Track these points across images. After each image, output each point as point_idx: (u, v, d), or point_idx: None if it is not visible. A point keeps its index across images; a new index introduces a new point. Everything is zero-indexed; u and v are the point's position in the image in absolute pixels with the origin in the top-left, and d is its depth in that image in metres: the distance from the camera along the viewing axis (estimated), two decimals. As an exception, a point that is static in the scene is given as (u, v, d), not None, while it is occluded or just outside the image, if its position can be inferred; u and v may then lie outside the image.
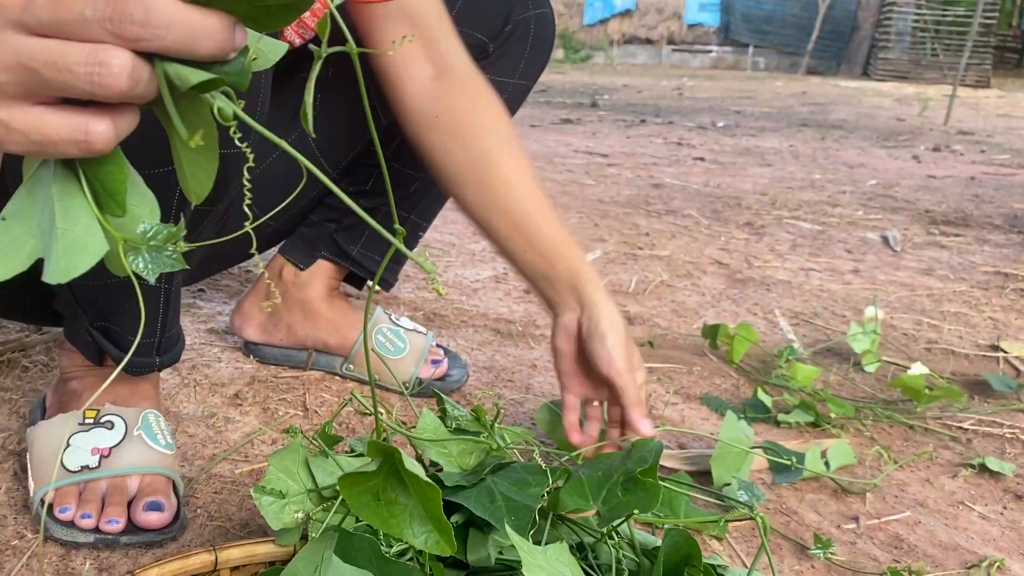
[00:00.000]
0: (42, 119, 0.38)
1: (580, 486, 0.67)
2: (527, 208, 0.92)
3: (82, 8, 0.36)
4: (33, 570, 0.77)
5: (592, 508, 0.66)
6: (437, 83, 0.93)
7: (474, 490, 0.66)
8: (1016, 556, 0.93)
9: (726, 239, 2.24)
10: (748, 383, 1.32)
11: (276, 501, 0.65)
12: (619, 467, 0.66)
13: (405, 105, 0.94)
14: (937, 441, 1.18)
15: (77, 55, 0.36)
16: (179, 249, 0.43)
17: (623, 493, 0.65)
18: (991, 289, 1.89)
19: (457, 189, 0.95)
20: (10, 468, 0.92)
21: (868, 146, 4.54)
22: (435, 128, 0.93)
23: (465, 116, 0.93)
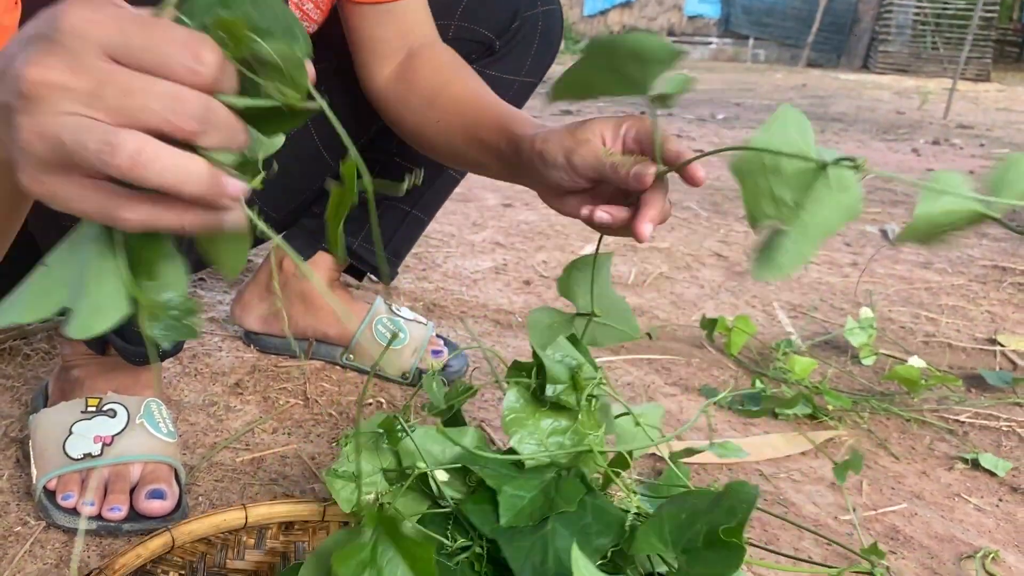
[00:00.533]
0: (82, 192, 0.40)
1: (659, 527, 0.60)
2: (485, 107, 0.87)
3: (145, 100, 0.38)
4: (36, 556, 0.77)
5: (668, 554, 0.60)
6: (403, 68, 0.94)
7: (529, 539, 0.62)
8: (1011, 548, 0.94)
9: (725, 232, 2.25)
10: (746, 375, 1.33)
11: (347, 484, 0.65)
12: (705, 513, 0.59)
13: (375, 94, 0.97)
14: (934, 434, 1.19)
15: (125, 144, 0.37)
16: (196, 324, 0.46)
17: (704, 547, 0.58)
18: (989, 283, 1.90)
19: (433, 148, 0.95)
20: (12, 455, 0.92)
21: (867, 139, 4.55)
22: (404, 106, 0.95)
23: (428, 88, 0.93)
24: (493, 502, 0.64)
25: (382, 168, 1.13)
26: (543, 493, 0.65)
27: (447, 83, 0.91)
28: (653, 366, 1.34)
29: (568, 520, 0.61)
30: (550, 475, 0.67)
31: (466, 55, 1.06)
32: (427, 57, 0.95)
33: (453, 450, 0.69)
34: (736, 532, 0.56)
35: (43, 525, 0.81)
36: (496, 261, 1.82)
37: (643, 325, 1.51)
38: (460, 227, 2.07)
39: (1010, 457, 1.13)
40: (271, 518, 0.67)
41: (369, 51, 0.96)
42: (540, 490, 0.65)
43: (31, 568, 0.76)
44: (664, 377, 1.30)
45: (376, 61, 0.96)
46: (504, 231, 2.07)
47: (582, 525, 0.60)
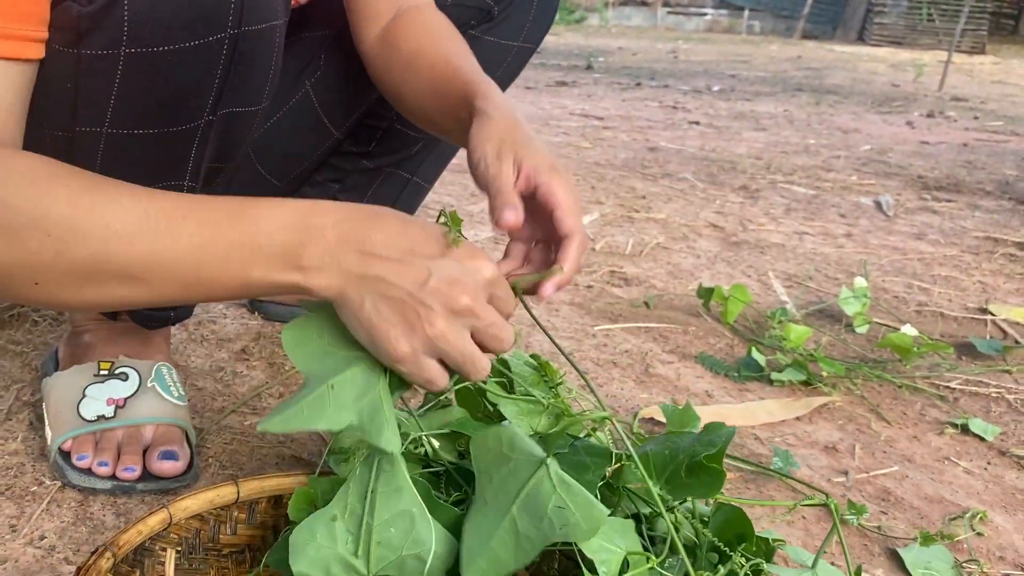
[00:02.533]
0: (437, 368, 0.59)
1: (646, 462, 0.66)
2: None
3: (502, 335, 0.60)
4: (53, 515, 0.79)
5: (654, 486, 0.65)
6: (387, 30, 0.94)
7: None
8: (998, 508, 0.97)
9: (721, 203, 2.26)
10: (742, 343, 1.35)
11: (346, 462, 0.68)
12: (687, 448, 0.65)
13: (363, 55, 0.97)
14: (925, 400, 1.21)
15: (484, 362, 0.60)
16: None
17: (686, 475, 0.64)
18: (981, 254, 1.92)
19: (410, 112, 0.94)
20: (25, 418, 0.94)
21: (862, 111, 4.55)
22: (385, 67, 0.94)
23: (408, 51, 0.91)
24: None
25: (383, 135, 1.14)
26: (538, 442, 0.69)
27: (426, 47, 0.90)
28: (651, 334, 1.36)
29: (562, 458, 0.66)
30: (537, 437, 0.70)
31: (465, 20, 1.07)
32: (412, 19, 0.94)
33: (441, 419, 0.74)
34: (716, 458, 0.62)
35: (59, 485, 0.83)
36: (494, 231, 1.83)
37: (640, 294, 1.53)
38: (459, 198, 2.08)
39: (999, 422, 1.16)
40: (261, 492, 0.69)
41: (359, 12, 0.96)
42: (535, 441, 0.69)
43: (48, 526, 0.78)
44: (661, 345, 1.32)
45: (365, 22, 0.96)
46: (502, 202, 2.08)
47: (576, 460, 0.65)
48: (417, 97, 0.90)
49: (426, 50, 0.89)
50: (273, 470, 0.90)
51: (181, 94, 0.70)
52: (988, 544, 0.91)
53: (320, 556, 0.60)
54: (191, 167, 0.77)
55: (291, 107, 1.08)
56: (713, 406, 1.13)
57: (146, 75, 0.68)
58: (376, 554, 0.61)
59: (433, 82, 0.86)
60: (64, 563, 0.74)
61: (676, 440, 0.67)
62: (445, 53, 0.88)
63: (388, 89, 0.95)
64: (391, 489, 0.62)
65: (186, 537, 0.66)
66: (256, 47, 0.73)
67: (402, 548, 0.61)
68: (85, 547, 0.76)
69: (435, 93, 0.86)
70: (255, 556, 0.70)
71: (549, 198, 0.67)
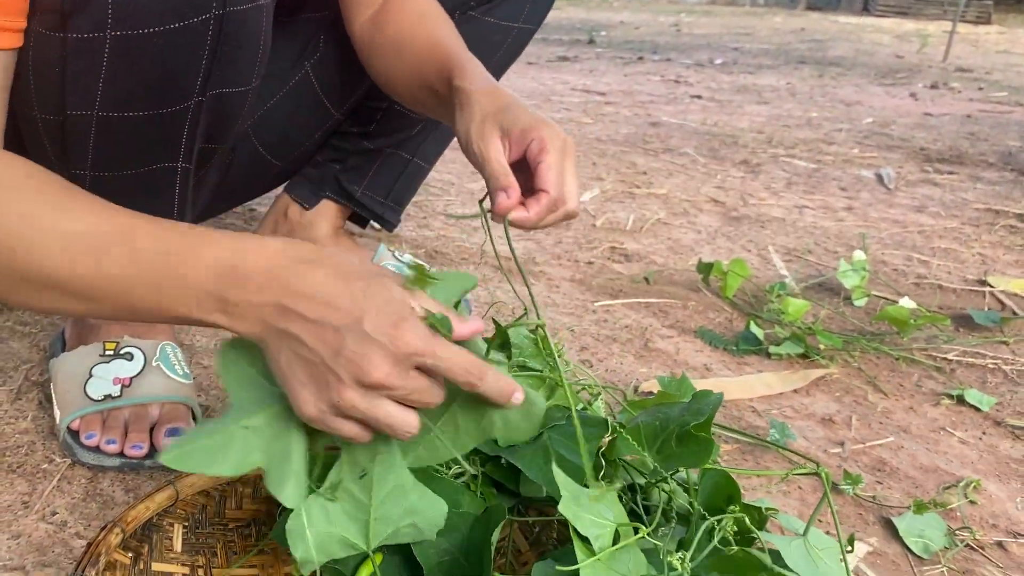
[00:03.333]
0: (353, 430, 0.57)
1: (637, 433, 0.67)
2: None
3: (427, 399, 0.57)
4: (64, 492, 0.81)
5: (646, 456, 0.67)
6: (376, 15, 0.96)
7: (530, 449, 0.68)
8: (992, 477, 0.99)
9: (722, 177, 2.26)
10: (741, 317, 1.36)
11: None
12: (676, 418, 0.66)
13: (354, 40, 0.98)
14: (922, 371, 1.22)
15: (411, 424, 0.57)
16: None
17: (677, 445, 0.65)
18: (981, 226, 1.92)
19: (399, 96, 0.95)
20: (35, 398, 0.96)
21: (866, 84, 4.53)
22: (373, 52, 0.95)
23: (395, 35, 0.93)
24: None
25: (383, 116, 1.15)
26: None
27: (413, 31, 0.91)
28: (650, 309, 1.37)
29: (560, 429, 0.67)
30: None
31: (465, 1, 1.07)
32: (400, 4, 0.95)
33: None
34: (704, 427, 0.63)
35: (68, 462, 0.85)
36: (495, 208, 1.84)
37: (641, 270, 1.54)
38: (460, 175, 2.09)
39: (995, 393, 1.17)
40: None
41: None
42: None
43: (60, 502, 0.80)
44: (661, 320, 1.33)
45: (355, 7, 0.97)
46: (503, 179, 2.09)
47: (573, 431, 0.66)
48: (404, 81, 0.91)
49: (412, 34, 0.90)
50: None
51: (169, 76, 0.71)
52: (981, 512, 0.92)
53: (318, 538, 0.61)
54: (184, 148, 0.78)
55: (291, 88, 1.09)
56: (711, 379, 1.15)
57: (133, 58, 0.69)
58: (375, 530, 0.63)
59: (419, 66, 0.87)
60: (76, 538, 0.76)
61: (666, 410, 0.68)
62: (429, 36, 0.89)
63: (377, 74, 0.96)
64: (386, 468, 0.64)
65: (192, 512, 0.68)
66: (242, 27, 0.74)
67: (399, 520, 0.63)
68: (96, 522, 0.78)
69: (420, 76, 0.87)
70: (260, 530, 0.71)
71: (535, 155, 0.70)
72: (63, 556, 0.73)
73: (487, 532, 0.65)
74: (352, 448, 0.65)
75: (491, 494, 0.70)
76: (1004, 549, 0.87)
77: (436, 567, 0.65)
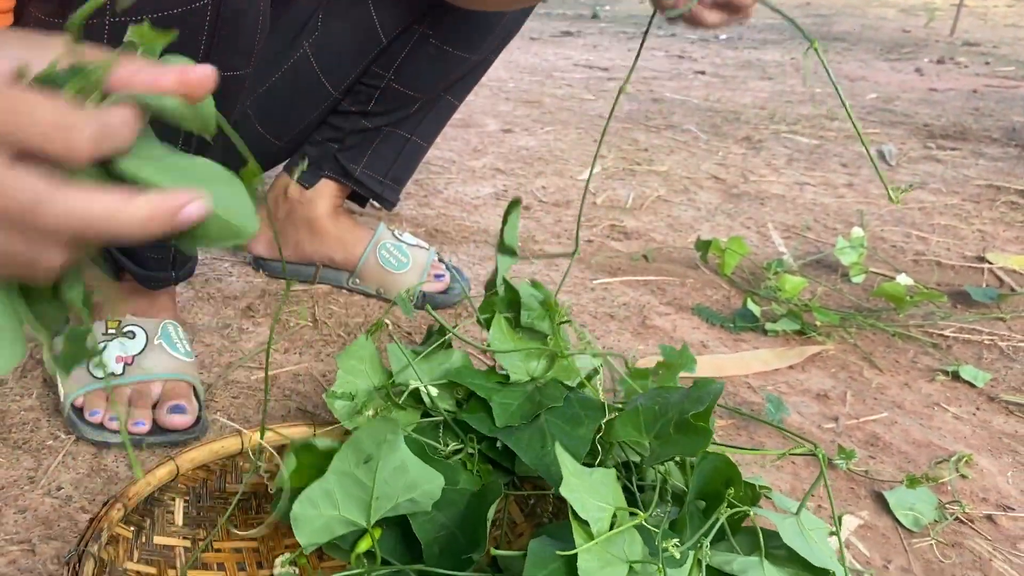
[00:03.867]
0: None
1: (636, 417, 0.67)
2: None
3: None
4: (69, 467, 0.83)
5: (644, 440, 0.67)
6: None
7: (527, 432, 0.69)
8: (984, 452, 1.00)
9: (724, 154, 2.26)
10: (738, 294, 1.37)
11: (348, 404, 0.70)
12: (676, 404, 0.66)
13: None
14: (918, 348, 1.23)
15: None
16: (93, 345, 0.46)
17: (675, 431, 0.65)
18: (982, 202, 1.92)
19: None
20: (39, 376, 0.97)
21: (871, 59, 4.50)
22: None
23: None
24: (485, 410, 0.71)
25: (381, 95, 1.15)
26: (529, 399, 0.71)
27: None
28: (649, 287, 1.38)
29: (557, 412, 0.68)
30: (532, 386, 0.73)
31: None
32: None
33: (441, 369, 0.76)
34: (703, 416, 0.63)
35: (73, 438, 0.87)
36: (496, 187, 1.85)
37: (640, 248, 1.55)
38: (461, 153, 2.09)
39: (990, 369, 1.18)
40: (266, 442, 0.72)
41: None
42: (526, 397, 0.71)
43: (65, 477, 0.82)
44: (659, 297, 1.34)
45: None
46: (504, 157, 2.09)
47: (570, 414, 0.66)
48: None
49: None
50: (279, 422, 0.93)
51: None
52: (972, 486, 0.94)
53: (323, 522, 0.63)
54: (181, 134, 0.78)
55: (289, 67, 1.10)
56: (708, 356, 1.16)
57: None
58: (375, 506, 0.64)
59: None
60: (80, 512, 0.77)
61: (666, 395, 0.68)
62: None
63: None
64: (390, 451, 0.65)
65: (193, 487, 0.70)
66: (240, 11, 0.74)
67: (398, 496, 0.65)
68: (100, 497, 0.79)
69: None
70: (260, 504, 0.73)
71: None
72: (68, 530, 0.75)
73: (483, 508, 0.67)
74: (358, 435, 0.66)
75: (487, 471, 0.71)
76: (993, 522, 0.88)
77: (433, 541, 0.67)
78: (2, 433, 0.87)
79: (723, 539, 0.64)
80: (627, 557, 0.57)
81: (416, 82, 1.13)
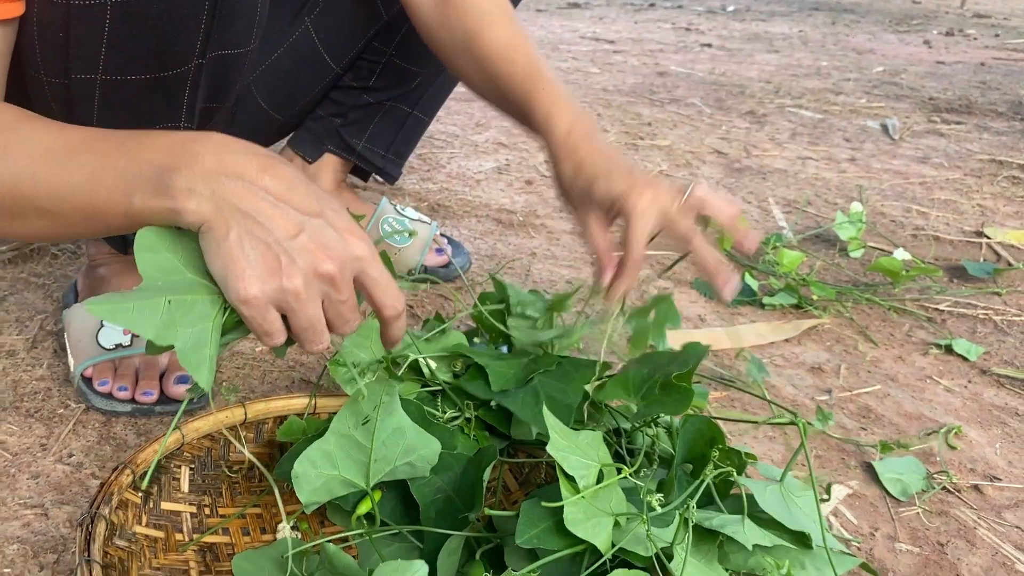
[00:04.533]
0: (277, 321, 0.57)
1: (625, 380, 0.71)
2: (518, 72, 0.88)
3: None
4: (79, 435, 0.86)
5: (632, 402, 0.71)
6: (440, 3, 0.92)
7: (520, 392, 0.72)
8: (974, 424, 1.02)
9: (727, 128, 2.27)
10: (736, 268, 1.38)
11: (349, 371, 0.72)
12: (663, 367, 0.70)
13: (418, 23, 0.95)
14: (913, 322, 1.25)
15: None
16: None
17: (661, 393, 0.68)
18: (984, 177, 1.93)
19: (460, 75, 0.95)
20: (50, 347, 1.00)
21: (879, 31, 4.47)
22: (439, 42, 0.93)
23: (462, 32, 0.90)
24: (482, 378, 0.74)
25: (383, 70, 1.17)
26: (524, 367, 0.74)
27: (480, 30, 0.88)
28: (648, 261, 1.39)
29: (550, 373, 0.70)
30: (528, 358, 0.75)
31: None
32: None
33: (439, 345, 0.79)
34: (686, 377, 0.66)
35: (83, 408, 0.89)
36: (499, 161, 1.86)
37: (641, 221, 1.56)
38: (463, 128, 2.10)
39: (984, 343, 1.20)
40: (267, 413, 0.74)
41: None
42: (521, 365, 0.74)
43: (76, 445, 0.84)
44: (658, 271, 1.36)
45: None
46: (507, 131, 2.10)
47: (563, 372, 0.69)
48: (475, 83, 0.91)
49: (482, 36, 0.88)
50: (283, 392, 0.96)
51: (168, 41, 0.74)
52: (961, 457, 0.96)
53: (323, 482, 0.66)
54: (185, 109, 0.80)
55: (291, 43, 1.11)
56: (705, 329, 1.18)
57: (133, 23, 0.71)
58: (374, 468, 0.67)
59: (488, 75, 0.88)
60: (91, 478, 0.80)
61: (653, 359, 0.72)
62: (501, 42, 0.87)
63: (447, 64, 0.95)
64: (387, 414, 0.68)
65: (198, 455, 0.72)
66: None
67: (397, 459, 0.67)
68: (110, 463, 0.82)
69: (492, 87, 0.88)
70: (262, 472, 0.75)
71: (627, 223, 0.73)
72: (80, 495, 0.78)
73: (479, 471, 0.69)
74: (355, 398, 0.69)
75: (483, 436, 0.74)
76: (980, 492, 0.90)
77: (431, 504, 0.70)
78: (15, 402, 0.90)
79: (711, 504, 0.66)
80: (613, 511, 0.60)
81: (417, 57, 1.14)
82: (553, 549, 0.58)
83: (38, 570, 0.69)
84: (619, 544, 0.58)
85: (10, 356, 0.98)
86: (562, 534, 0.59)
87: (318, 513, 0.74)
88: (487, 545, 0.65)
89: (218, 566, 0.69)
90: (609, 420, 0.75)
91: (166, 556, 0.67)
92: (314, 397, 0.76)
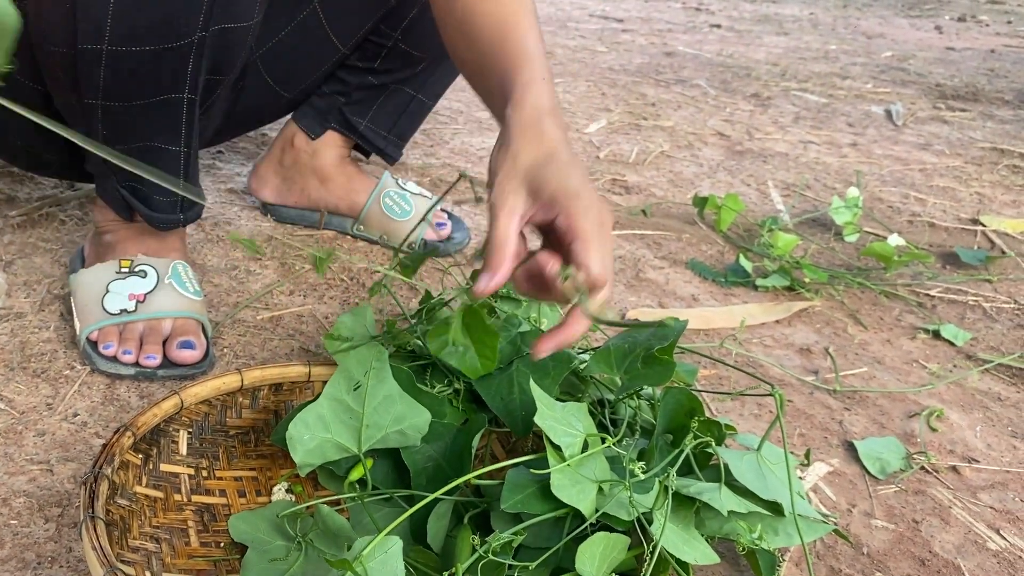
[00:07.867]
0: None
1: (607, 355, 0.73)
2: None
3: None
4: (84, 396, 0.89)
5: (615, 375, 0.73)
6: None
7: (496, 379, 0.74)
8: (955, 407, 1.04)
9: (731, 110, 2.27)
10: (733, 250, 1.40)
11: (343, 344, 0.75)
12: (644, 342, 0.72)
13: None
14: (903, 306, 1.27)
15: None
16: None
17: (643, 366, 0.71)
18: (984, 165, 1.94)
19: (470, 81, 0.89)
20: (56, 310, 1.02)
21: (891, 15, 4.44)
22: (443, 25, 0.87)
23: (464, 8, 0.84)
24: None
25: (388, 53, 1.18)
26: (511, 344, 0.76)
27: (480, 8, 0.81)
28: (645, 241, 1.41)
29: (527, 362, 0.72)
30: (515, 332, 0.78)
31: None
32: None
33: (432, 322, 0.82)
34: (667, 351, 0.69)
35: (88, 370, 0.92)
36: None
37: (640, 202, 1.58)
38: (468, 104, 2.11)
39: (971, 328, 1.22)
40: (263, 380, 0.77)
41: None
42: (508, 341, 0.76)
43: (80, 405, 0.87)
44: (654, 251, 1.38)
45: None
46: (512, 108, 2.11)
47: (539, 364, 0.71)
48: (466, 66, 0.85)
49: (479, 12, 0.81)
50: (283, 360, 0.98)
51: (172, 13, 0.76)
52: (941, 439, 0.98)
53: (316, 444, 0.69)
54: (189, 80, 0.82)
55: (299, 23, 1.12)
56: (697, 309, 1.20)
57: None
58: (366, 435, 0.70)
59: (480, 55, 0.80)
60: (95, 437, 0.83)
61: (635, 334, 0.74)
62: (496, 20, 0.80)
63: (446, 44, 0.88)
64: (378, 380, 0.70)
65: (196, 420, 0.75)
66: None
67: (388, 427, 0.70)
68: (113, 424, 0.85)
69: (481, 70, 0.81)
70: (258, 437, 0.78)
71: (562, 234, 0.64)
72: (84, 453, 0.81)
73: (468, 439, 0.72)
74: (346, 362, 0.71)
75: (471, 409, 0.77)
76: (957, 473, 0.93)
77: (421, 471, 0.73)
78: (22, 362, 0.93)
79: (691, 473, 0.69)
80: (597, 478, 0.62)
81: (422, 43, 1.15)
82: (536, 513, 0.61)
83: (43, 522, 0.72)
84: (602, 509, 0.61)
85: (18, 318, 1.00)
86: (545, 499, 0.62)
87: (311, 478, 0.77)
88: (475, 510, 0.68)
89: (215, 526, 0.72)
90: (594, 391, 0.78)
91: (165, 515, 0.70)
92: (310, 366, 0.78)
